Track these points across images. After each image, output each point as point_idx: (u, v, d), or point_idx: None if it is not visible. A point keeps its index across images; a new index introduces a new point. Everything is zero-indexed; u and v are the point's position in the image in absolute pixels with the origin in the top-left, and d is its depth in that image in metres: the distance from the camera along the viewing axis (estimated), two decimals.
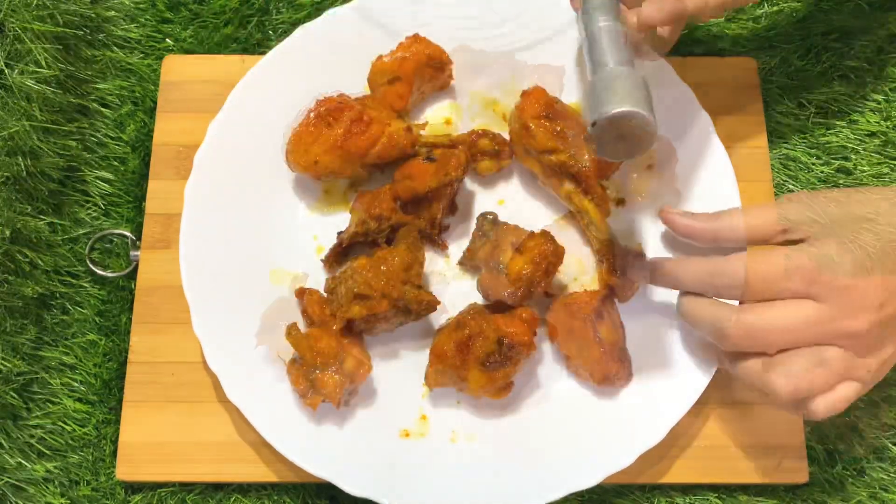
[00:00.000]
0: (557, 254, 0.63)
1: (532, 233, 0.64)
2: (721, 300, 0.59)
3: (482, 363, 0.61)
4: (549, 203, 0.71)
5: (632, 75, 0.52)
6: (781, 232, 0.58)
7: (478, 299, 0.66)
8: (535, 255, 0.62)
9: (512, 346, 0.61)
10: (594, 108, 0.51)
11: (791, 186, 0.74)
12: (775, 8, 0.79)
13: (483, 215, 0.67)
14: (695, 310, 0.60)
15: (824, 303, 0.53)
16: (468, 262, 0.68)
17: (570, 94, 0.72)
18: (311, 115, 0.67)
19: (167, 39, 0.78)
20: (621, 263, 0.65)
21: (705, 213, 0.64)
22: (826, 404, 0.55)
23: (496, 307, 0.65)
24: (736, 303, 0.59)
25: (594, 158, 0.65)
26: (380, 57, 0.70)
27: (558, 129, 0.66)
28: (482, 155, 0.69)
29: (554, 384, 0.66)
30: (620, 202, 0.71)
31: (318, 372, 0.61)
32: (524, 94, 0.68)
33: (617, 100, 0.51)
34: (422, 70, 0.70)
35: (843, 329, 0.53)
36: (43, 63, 0.71)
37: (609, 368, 0.63)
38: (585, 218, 0.68)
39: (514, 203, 0.71)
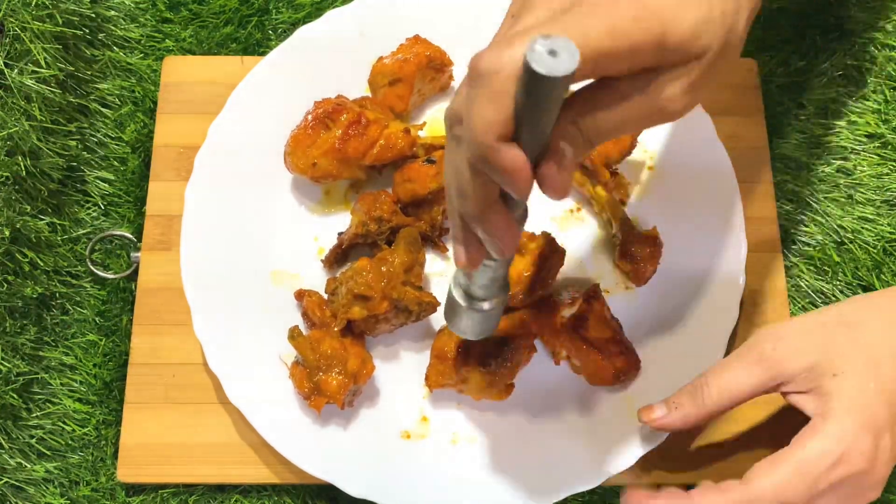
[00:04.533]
0: (558, 255, 0.63)
1: (533, 234, 0.64)
2: None
3: (483, 364, 0.61)
4: (549, 203, 0.71)
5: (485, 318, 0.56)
6: (776, 387, 0.56)
7: None
8: (536, 257, 0.62)
9: (513, 348, 0.61)
10: (450, 321, 0.58)
11: (791, 186, 0.74)
12: (775, 6, 0.79)
13: None
14: None
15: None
16: None
17: None
18: (309, 117, 0.67)
19: (167, 40, 0.78)
20: (636, 248, 0.66)
21: (688, 396, 0.57)
22: None
23: None
24: None
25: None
26: (380, 58, 0.70)
27: None
28: None
29: (554, 386, 0.66)
30: (622, 203, 0.71)
31: (321, 374, 0.61)
32: None
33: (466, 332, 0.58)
34: (423, 71, 0.69)
35: None
36: (43, 63, 0.71)
37: (614, 365, 0.63)
38: (598, 204, 0.68)
39: None
